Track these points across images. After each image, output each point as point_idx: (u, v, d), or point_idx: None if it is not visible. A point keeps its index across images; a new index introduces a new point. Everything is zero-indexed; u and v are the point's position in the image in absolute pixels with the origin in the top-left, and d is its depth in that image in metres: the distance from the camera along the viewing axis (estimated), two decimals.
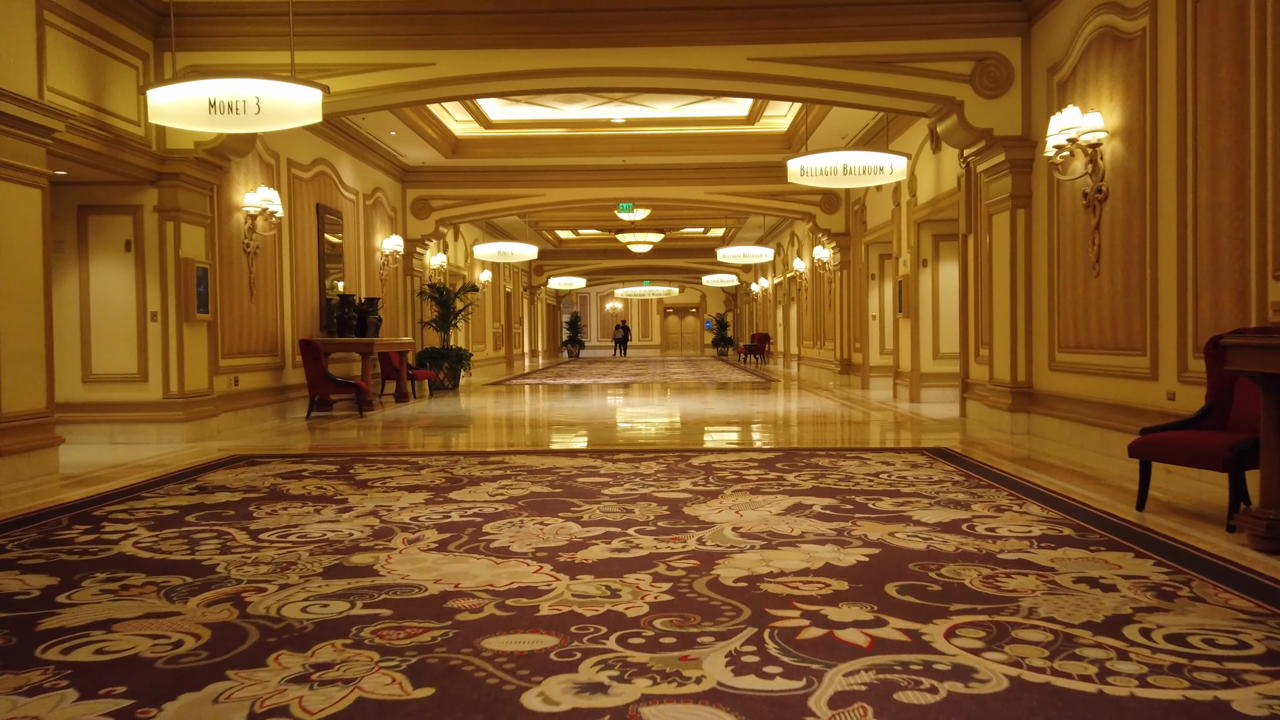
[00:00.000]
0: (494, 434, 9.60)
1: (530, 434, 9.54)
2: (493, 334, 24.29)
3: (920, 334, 12.08)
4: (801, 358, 21.58)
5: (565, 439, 8.97)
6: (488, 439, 9.13)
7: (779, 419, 10.72)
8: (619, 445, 8.14)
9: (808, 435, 8.94)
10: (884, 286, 14.96)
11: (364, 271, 14.20)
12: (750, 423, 10.26)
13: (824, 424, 10.03)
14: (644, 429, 9.83)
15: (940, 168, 11.08)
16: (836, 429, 9.57)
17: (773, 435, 9.09)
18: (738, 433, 9.39)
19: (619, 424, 10.40)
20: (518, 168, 16.10)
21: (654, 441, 8.52)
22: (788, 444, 8.20)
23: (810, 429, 9.57)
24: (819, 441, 8.48)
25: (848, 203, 16.21)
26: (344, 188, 13.31)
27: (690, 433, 9.42)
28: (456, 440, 8.88)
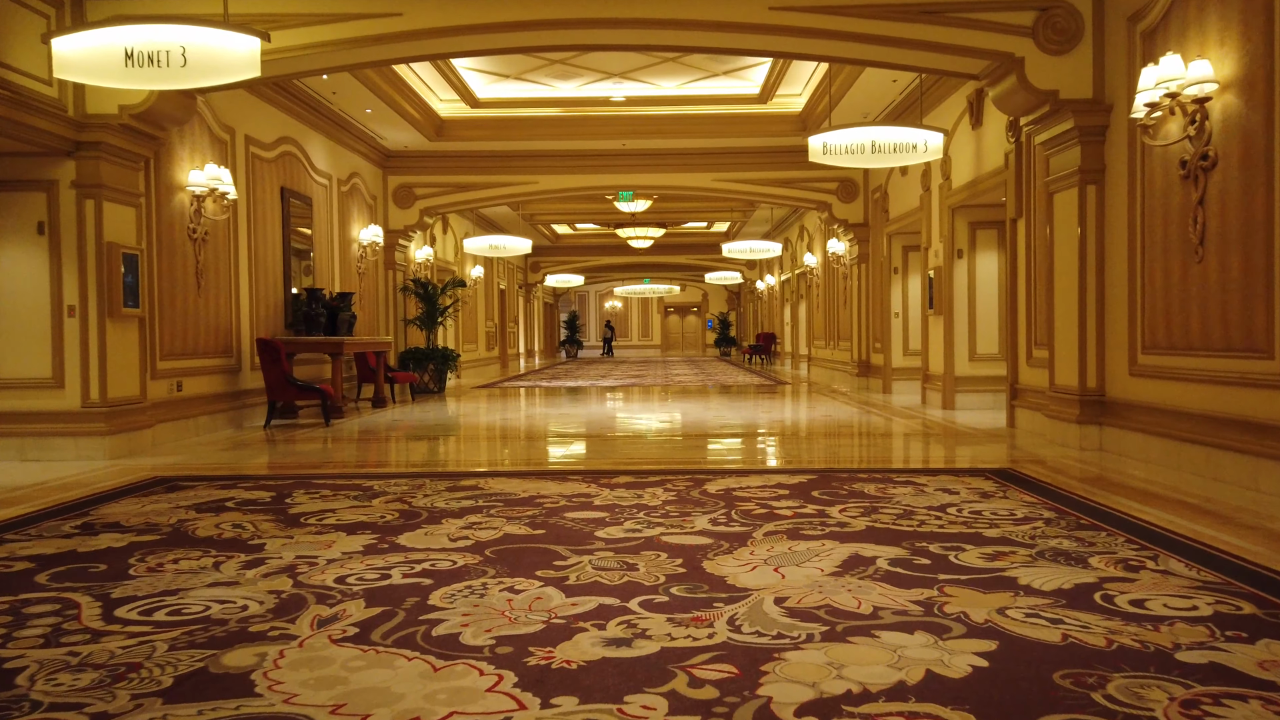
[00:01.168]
0: (472, 449, 8.32)
1: (515, 449, 8.27)
2: (485, 333, 23.03)
3: (954, 333, 10.82)
4: (812, 359, 20.32)
5: (554, 455, 7.70)
6: (464, 455, 7.85)
7: (800, 429, 9.45)
8: (618, 464, 6.87)
9: (839, 451, 7.67)
10: (908, 281, 13.69)
11: (338, 264, 12.93)
12: (768, 434, 8.99)
13: (853, 436, 8.76)
14: (647, 442, 8.56)
15: (981, 145, 9.81)
16: (870, 443, 8.30)
17: (798, 451, 7.81)
18: (756, 447, 8.12)
19: (618, 435, 9.12)
20: (508, 152, 14.83)
21: (659, 459, 7.25)
22: (819, 462, 6.93)
23: (840, 443, 8.30)
24: (855, 459, 7.21)
25: (866, 190, 14.94)
26: (315, 171, 12.04)
27: (700, 447, 8.15)
28: (427, 457, 7.60)
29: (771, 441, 8.39)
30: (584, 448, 8.07)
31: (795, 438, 8.70)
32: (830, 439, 8.55)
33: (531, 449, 8.14)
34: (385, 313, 14.94)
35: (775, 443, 8.30)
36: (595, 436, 9.01)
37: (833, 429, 9.31)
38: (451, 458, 7.58)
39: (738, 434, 9.07)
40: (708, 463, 6.98)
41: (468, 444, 8.60)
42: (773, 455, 7.51)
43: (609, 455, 7.51)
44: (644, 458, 7.26)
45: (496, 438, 9.01)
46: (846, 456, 7.33)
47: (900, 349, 13.71)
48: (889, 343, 13.75)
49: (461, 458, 7.63)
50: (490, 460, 7.38)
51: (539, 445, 8.36)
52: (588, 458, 7.41)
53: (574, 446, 8.26)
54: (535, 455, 7.74)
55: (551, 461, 7.28)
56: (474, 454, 7.88)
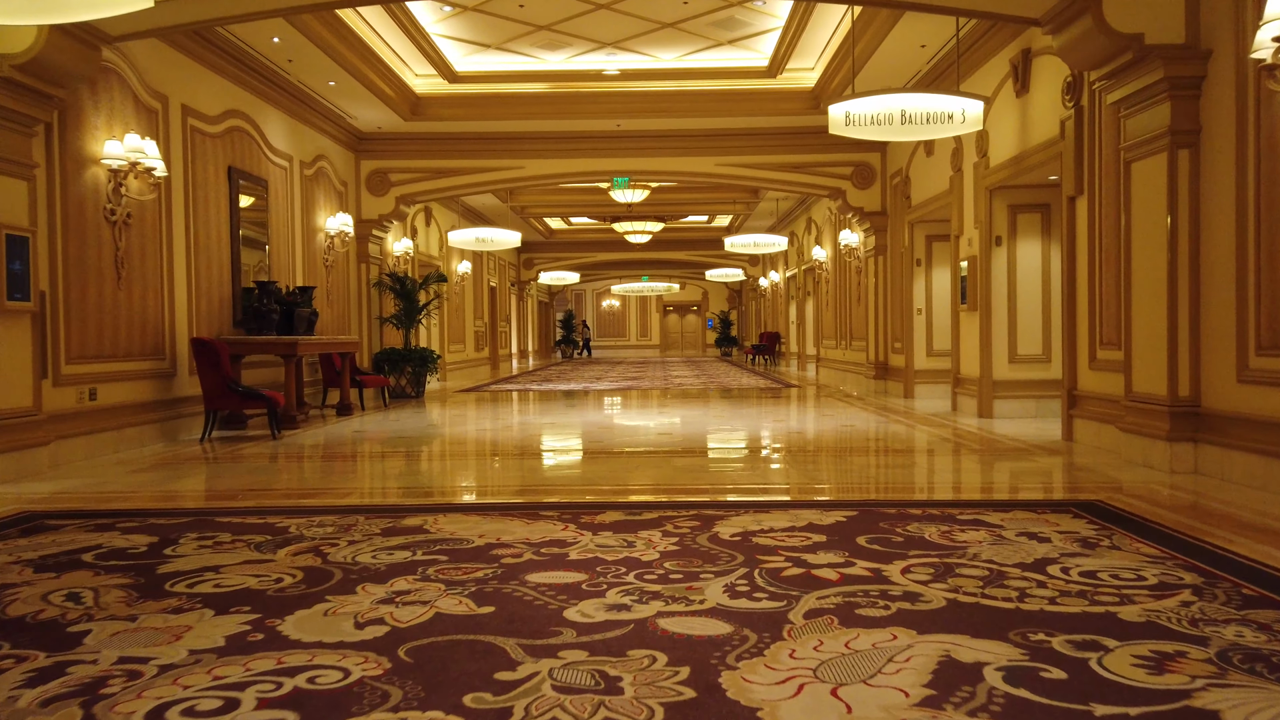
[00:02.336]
0: (431, 472, 7.01)
1: (481, 471, 6.96)
2: (474, 333, 21.74)
3: (992, 332, 9.53)
4: (821, 359, 19.04)
5: (529, 480, 6.40)
6: (418, 481, 6.54)
7: (821, 443, 8.16)
8: (605, 493, 5.58)
9: (875, 473, 6.39)
10: (932, 274, 12.41)
11: (301, 255, 11.63)
12: (785, 449, 7.70)
13: (886, 453, 7.48)
14: (642, 461, 7.26)
15: (1028, 114, 8.53)
16: (908, 462, 7.01)
17: (825, 473, 6.52)
18: (775, 468, 6.83)
19: (608, 451, 7.83)
20: (491, 134, 13.53)
21: (656, 485, 5.97)
22: (855, 490, 5.65)
23: (872, 462, 7.02)
24: (897, 485, 5.93)
25: (884, 176, 13.65)
26: (271, 151, 10.74)
27: (706, 468, 6.86)
28: (373, 483, 6.29)
29: (790, 460, 7.10)
30: (566, 468, 6.78)
31: (817, 454, 7.41)
32: (859, 456, 7.26)
33: (502, 472, 6.84)
34: (358, 310, 13.65)
35: (795, 461, 7.01)
36: (579, 453, 7.72)
37: (859, 443, 8.02)
38: (402, 484, 6.26)
39: (748, 449, 7.78)
40: (716, 491, 5.69)
41: (427, 464, 7.30)
42: (795, 480, 6.21)
43: (595, 480, 6.21)
44: (638, 484, 5.96)
45: (464, 455, 7.72)
46: (886, 482, 6.05)
47: (923, 349, 12.42)
48: (911, 343, 12.47)
49: (415, 483, 6.32)
50: (447, 488, 6.07)
51: (511, 466, 7.06)
52: (569, 483, 6.10)
53: (554, 466, 6.96)
54: (504, 480, 6.44)
55: (523, 489, 5.98)
56: (430, 479, 6.57)
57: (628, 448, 7.82)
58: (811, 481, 6.05)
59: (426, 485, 6.16)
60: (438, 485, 6.16)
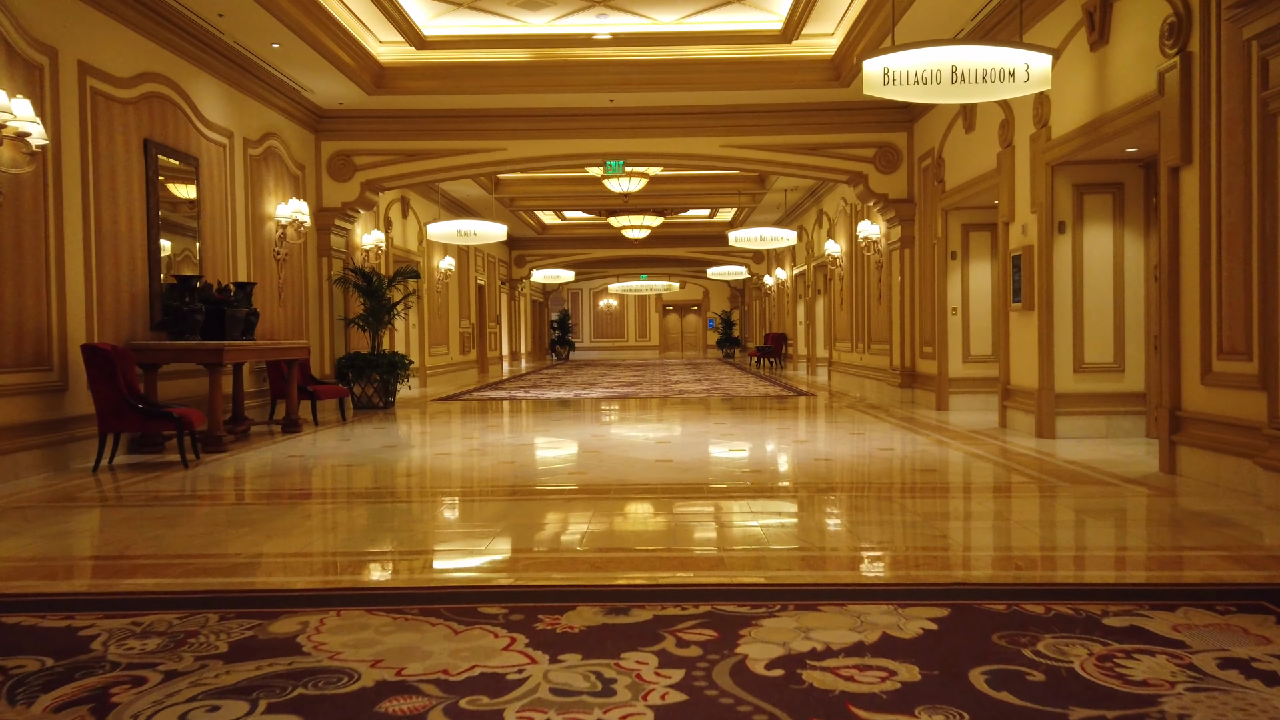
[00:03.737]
0: (349, 525, 5.33)
1: (417, 525, 5.37)
2: (459, 334, 20.20)
3: (1054, 335, 8.00)
4: (834, 363, 17.50)
5: (477, 539, 4.83)
6: (327, 540, 4.88)
7: (861, 475, 6.62)
8: (579, 566, 4.03)
9: (949, 528, 4.83)
10: (970, 268, 10.88)
11: (246, 247, 10.09)
12: (817, 485, 6.15)
13: (948, 493, 5.93)
14: (633, 506, 5.71)
15: (1107, 71, 6.99)
16: (985, 506, 5.47)
17: (883, 528, 4.97)
18: (811, 523, 5.28)
19: (589, 492, 6.28)
20: (468, 110, 11.98)
21: (653, 552, 4.42)
22: (934, 563, 4.10)
23: (937, 507, 5.47)
24: (989, 552, 4.38)
25: (911, 158, 12.11)
26: (204, 124, 9.20)
27: (720, 519, 5.30)
28: (266, 544, 4.66)
29: (827, 503, 5.55)
30: (528, 522, 5.22)
31: (860, 493, 5.87)
32: (915, 498, 5.71)
33: (444, 526, 5.26)
34: (318, 310, 12.10)
35: (835, 506, 5.46)
36: (554, 495, 6.16)
37: (906, 475, 6.48)
38: (302, 546, 4.64)
39: (770, 485, 6.23)
40: (736, 563, 4.14)
41: (349, 513, 5.68)
42: (844, 542, 4.65)
43: (566, 544, 4.67)
44: (624, 552, 4.38)
45: (404, 497, 6.11)
46: (971, 546, 4.48)
47: (959, 354, 10.89)
48: (944, 347, 10.93)
49: (320, 547, 4.67)
50: (360, 557, 4.44)
51: (460, 515, 5.48)
52: (528, 552, 4.52)
53: (517, 515, 5.41)
54: (444, 541, 4.88)
55: (461, 566, 4.39)
56: (345, 538, 4.94)
57: (615, 484, 6.27)
58: (866, 543, 4.50)
59: (334, 550, 4.58)
60: (351, 550, 4.58)
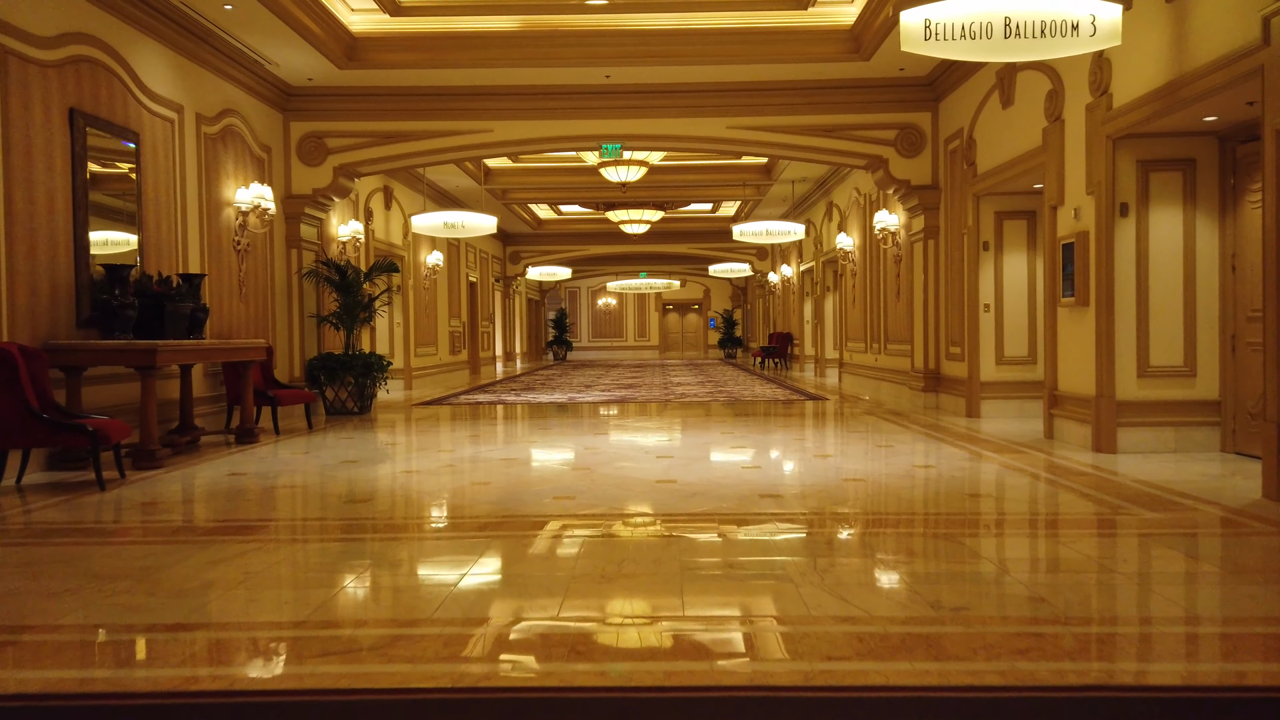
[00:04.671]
0: (259, 578, 4.15)
1: (333, 598, 4.29)
2: (449, 334, 19.15)
3: (1115, 334, 6.97)
4: (845, 365, 16.45)
5: (405, 626, 3.76)
6: (219, 605, 3.75)
7: (908, 506, 5.56)
8: (550, 669, 2.98)
9: (1037, 581, 3.76)
10: (1004, 260, 9.83)
11: (200, 236, 9.04)
12: (857, 519, 5.08)
13: (1019, 528, 4.88)
14: (628, 566, 4.64)
15: (1187, 24, 5.94)
16: (1074, 549, 4.41)
17: (953, 586, 3.90)
18: (857, 567, 4.21)
19: (577, 519, 5.22)
20: (450, 88, 10.93)
21: (655, 655, 3.37)
22: (1043, 645, 3.05)
23: (1015, 549, 4.41)
24: (1118, 625, 3.31)
25: (936, 140, 11.05)
26: (146, 95, 8.15)
27: (748, 588, 4.21)
28: (123, 612, 3.56)
29: (881, 552, 4.48)
30: (495, 576, 4.14)
31: (913, 530, 4.81)
32: (984, 535, 4.64)
33: (366, 599, 4.17)
34: (286, 306, 11.05)
35: (890, 557, 4.39)
36: (531, 532, 5.10)
37: (963, 504, 5.42)
38: (175, 615, 3.54)
39: (799, 521, 5.16)
40: (763, 654, 3.07)
41: (265, 558, 4.50)
42: (917, 613, 3.56)
43: (539, 638, 3.61)
44: (615, 642, 3.34)
45: (341, 536, 5.02)
46: (1090, 619, 3.42)
47: (993, 356, 9.84)
48: (975, 347, 9.88)
49: (194, 615, 3.59)
50: (267, 639, 3.35)
51: (392, 580, 4.38)
52: (489, 627, 3.41)
53: (478, 567, 4.34)
54: (354, 628, 3.81)
55: (383, 656, 3.33)
56: (235, 606, 3.81)
57: (607, 514, 5.21)
58: (942, 610, 3.43)
59: (223, 621, 3.52)
60: (243, 620, 3.53)
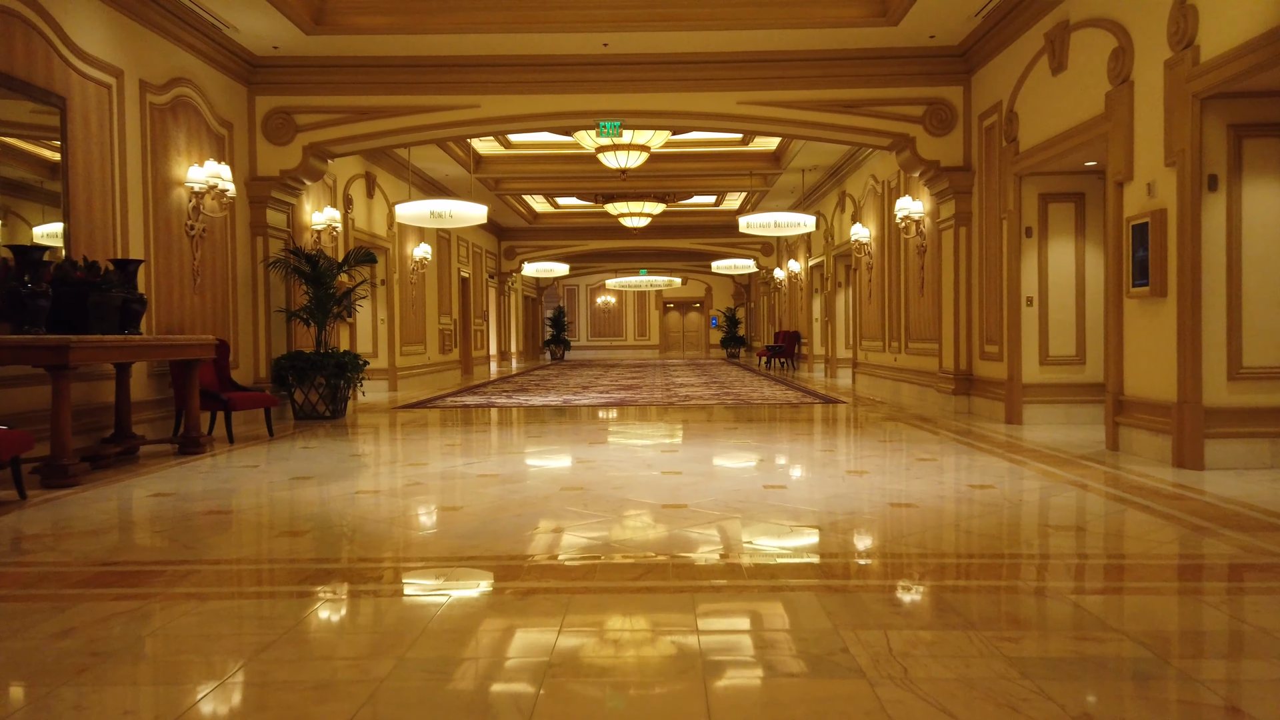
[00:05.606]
0: (106, 669, 2.95)
1: (196, 703, 3.25)
2: (439, 332, 18.10)
3: (1202, 331, 5.93)
4: (859, 365, 15.40)
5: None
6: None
7: (983, 546, 4.49)
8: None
9: (1229, 689, 2.71)
10: (1048, 247, 8.78)
11: (144, 218, 7.98)
12: (921, 567, 4.02)
13: (1140, 577, 3.79)
14: (618, 628, 3.59)
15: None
16: (1255, 627, 3.36)
17: (1102, 693, 2.85)
18: (943, 646, 3.16)
19: (558, 576, 4.17)
20: (432, 58, 9.89)
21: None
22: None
23: (1153, 613, 3.35)
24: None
25: (969, 117, 10.00)
26: (76, 55, 7.10)
27: (787, 680, 3.16)
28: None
29: (972, 626, 3.43)
30: (422, 682, 3.10)
31: (999, 583, 3.74)
32: (1103, 595, 3.58)
33: (266, 683, 3.14)
34: (250, 299, 10.00)
35: (985, 635, 3.33)
36: (499, 587, 4.04)
37: (1051, 541, 4.35)
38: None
39: (848, 572, 4.09)
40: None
41: (143, 627, 3.40)
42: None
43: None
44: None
45: (252, 587, 3.94)
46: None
47: (1035, 355, 8.80)
48: (1017, 345, 8.83)
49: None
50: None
51: (303, 660, 3.35)
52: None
53: (419, 648, 3.29)
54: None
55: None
56: (81, 714, 2.81)
57: (599, 566, 4.17)
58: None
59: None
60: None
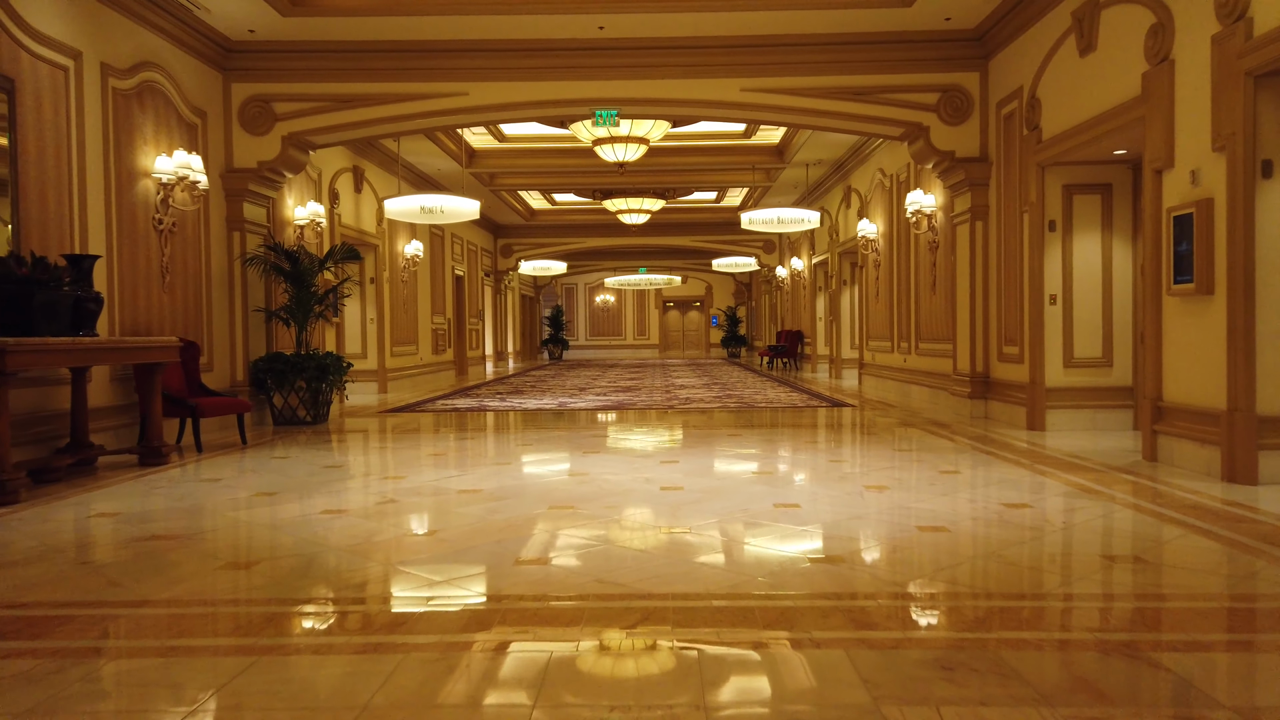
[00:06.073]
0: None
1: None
2: (432, 332, 17.56)
3: (1255, 331, 5.39)
4: (865, 366, 14.86)
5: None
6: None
7: (1037, 583, 3.90)
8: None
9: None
10: (1072, 242, 8.25)
11: (104, 210, 7.44)
12: (968, 613, 3.46)
13: (1227, 629, 3.25)
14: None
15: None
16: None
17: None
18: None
19: (533, 634, 3.62)
20: (418, 43, 9.34)
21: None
22: None
23: (1252, 679, 2.81)
24: None
25: (985, 104, 9.45)
26: (26, 33, 6.55)
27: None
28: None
29: (1045, 704, 2.89)
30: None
31: (1063, 646, 3.17)
32: (1186, 652, 3.00)
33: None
34: (226, 298, 9.46)
35: (1050, 714, 2.79)
36: (481, 626, 3.49)
37: (1101, 580, 3.78)
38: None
39: (874, 610, 3.56)
40: None
41: (17, 701, 3.01)
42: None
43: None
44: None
45: (174, 646, 3.42)
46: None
47: (1060, 357, 8.26)
48: (1040, 346, 8.29)
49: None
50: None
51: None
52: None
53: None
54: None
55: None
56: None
57: (585, 616, 3.63)
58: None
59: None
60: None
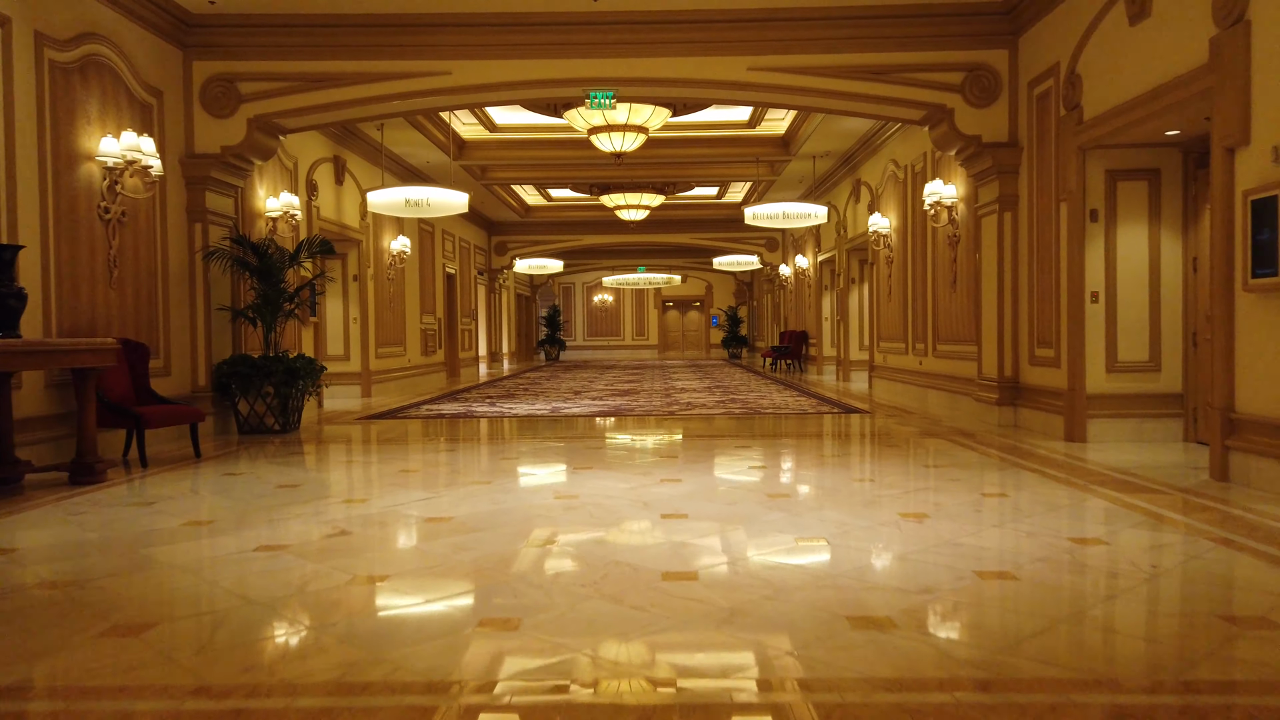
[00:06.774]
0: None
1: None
2: (421, 332, 16.76)
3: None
4: (876, 368, 14.07)
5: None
6: None
7: (1153, 656, 3.04)
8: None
9: None
10: (1116, 234, 7.46)
11: (38, 197, 6.64)
12: (1071, 713, 2.71)
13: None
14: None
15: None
16: None
17: None
18: None
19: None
20: (396, 16, 8.55)
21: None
22: None
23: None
24: None
25: (1015, 84, 8.67)
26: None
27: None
28: None
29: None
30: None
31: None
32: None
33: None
34: (187, 296, 8.67)
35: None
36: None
37: (1233, 659, 2.94)
38: None
39: (948, 703, 2.78)
40: None
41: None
42: None
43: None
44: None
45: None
46: None
47: (1102, 360, 7.47)
48: (1080, 349, 7.50)
49: None
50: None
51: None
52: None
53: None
54: None
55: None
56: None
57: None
58: None
59: None
60: None
